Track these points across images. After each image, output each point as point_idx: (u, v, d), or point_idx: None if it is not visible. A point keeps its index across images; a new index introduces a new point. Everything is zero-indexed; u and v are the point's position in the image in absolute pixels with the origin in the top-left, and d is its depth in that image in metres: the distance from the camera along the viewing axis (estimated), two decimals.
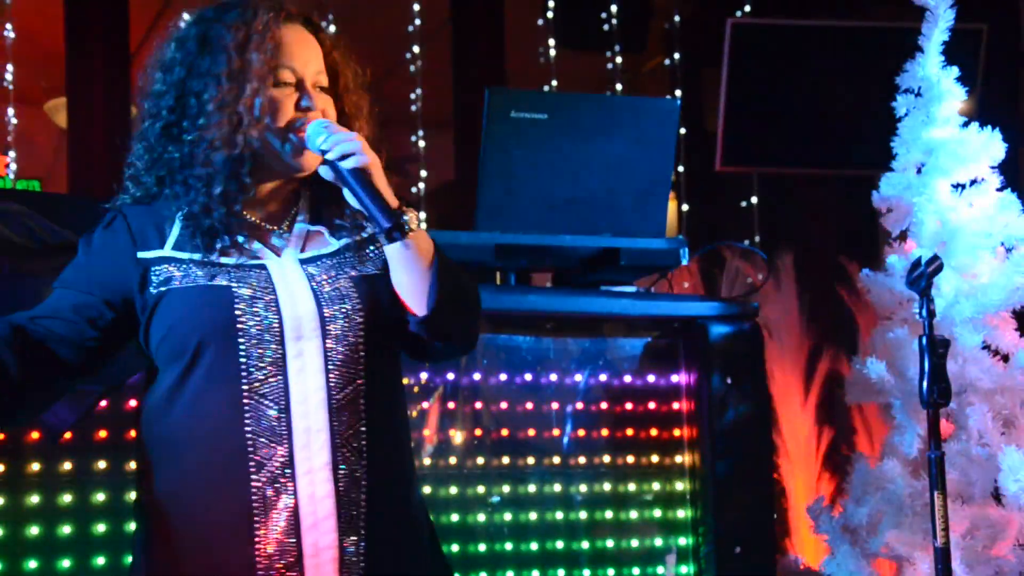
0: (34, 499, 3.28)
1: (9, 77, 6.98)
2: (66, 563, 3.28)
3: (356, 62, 2.70)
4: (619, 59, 7.29)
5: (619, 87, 7.56)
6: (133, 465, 2.71)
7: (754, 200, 7.31)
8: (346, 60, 2.67)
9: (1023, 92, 7.12)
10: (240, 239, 2.56)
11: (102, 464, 3.39)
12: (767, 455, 4.14)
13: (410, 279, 2.50)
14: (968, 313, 3.93)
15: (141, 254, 2.55)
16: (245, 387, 2.48)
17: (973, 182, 4.03)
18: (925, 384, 3.23)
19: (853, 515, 4.05)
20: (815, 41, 6.34)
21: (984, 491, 3.88)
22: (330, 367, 2.50)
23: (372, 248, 2.61)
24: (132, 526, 2.77)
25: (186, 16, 2.71)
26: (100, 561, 3.31)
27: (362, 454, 2.50)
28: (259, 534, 2.47)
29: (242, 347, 2.48)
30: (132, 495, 2.95)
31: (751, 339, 3.86)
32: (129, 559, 2.76)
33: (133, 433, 3.42)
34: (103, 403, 3.26)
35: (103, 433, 3.36)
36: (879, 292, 4.11)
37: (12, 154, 7.38)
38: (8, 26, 6.81)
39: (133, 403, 3.38)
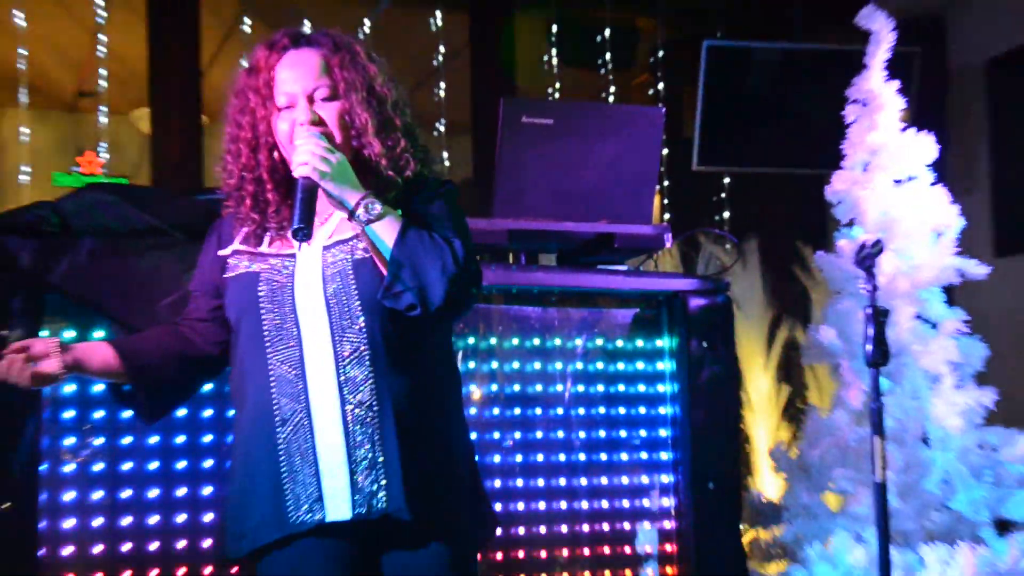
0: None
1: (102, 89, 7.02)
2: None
3: (360, 70, 2.58)
4: (611, 76, 7.29)
5: (611, 100, 7.58)
6: None
7: (724, 195, 7.33)
8: (343, 67, 2.56)
9: (950, 106, 7.13)
10: (279, 233, 2.58)
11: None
12: (736, 408, 4.14)
13: (377, 261, 2.46)
14: (904, 288, 3.95)
15: (221, 252, 2.63)
16: (270, 354, 2.51)
17: (910, 178, 4.05)
18: (869, 347, 3.24)
19: (807, 457, 4.07)
20: (778, 60, 6.32)
21: (915, 436, 3.91)
22: (336, 337, 2.48)
23: None
24: None
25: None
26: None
27: (372, 408, 2.47)
28: (285, 478, 2.48)
29: (265, 322, 2.51)
30: None
31: (723, 310, 3.85)
32: None
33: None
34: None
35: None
36: (830, 271, 4.13)
37: (105, 156, 7.43)
38: (101, 47, 6.84)
39: None
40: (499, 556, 3.16)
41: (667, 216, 7.11)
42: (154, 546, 3.24)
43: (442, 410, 2.62)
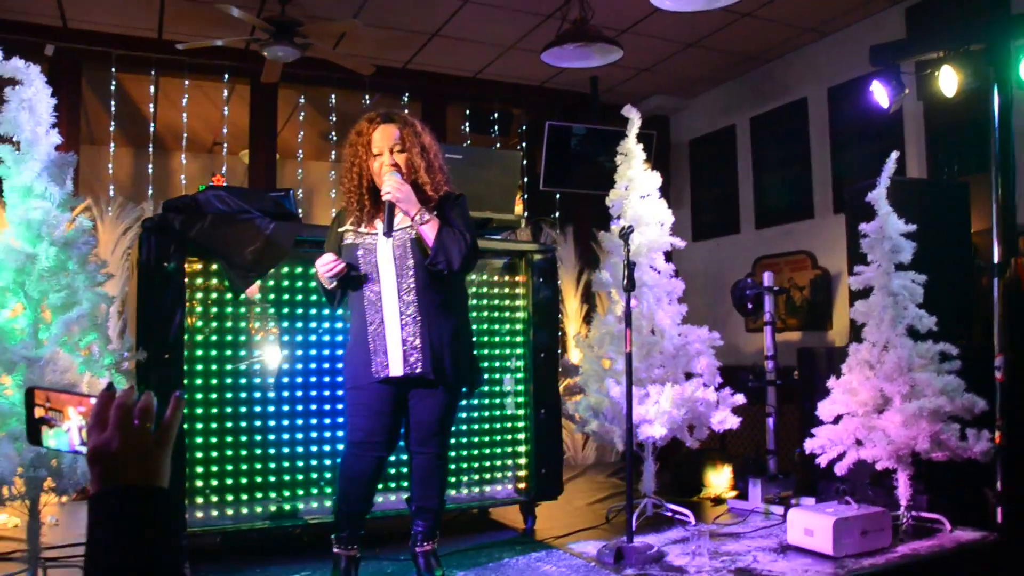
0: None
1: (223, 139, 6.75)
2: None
3: (418, 137, 2.62)
4: (497, 138, 7.23)
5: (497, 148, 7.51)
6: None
7: (556, 202, 7.33)
8: (408, 135, 2.61)
9: (671, 161, 7.24)
10: (370, 221, 2.62)
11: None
12: (557, 313, 4.15)
13: (426, 245, 2.55)
14: (644, 252, 4.00)
15: (340, 229, 2.67)
16: (365, 288, 2.58)
17: (649, 195, 4.09)
18: (625, 282, 3.28)
19: (594, 340, 4.12)
20: (585, 133, 6.32)
21: (647, 329, 3.98)
22: (399, 279, 2.55)
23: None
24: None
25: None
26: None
27: (415, 318, 2.53)
28: (373, 347, 2.55)
29: (362, 270, 2.58)
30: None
31: (552, 262, 3.87)
32: None
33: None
34: (258, 283, 3.18)
35: (258, 295, 3.29)
36: (607, 242, 4.16)
37: (225, 176, 7.21)
38: (224, 116, 6.60)
39: (271, 283, 3.31)
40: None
41: (525, 212, 7.08)
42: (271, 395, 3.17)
43: (454, 315, 2.66)
